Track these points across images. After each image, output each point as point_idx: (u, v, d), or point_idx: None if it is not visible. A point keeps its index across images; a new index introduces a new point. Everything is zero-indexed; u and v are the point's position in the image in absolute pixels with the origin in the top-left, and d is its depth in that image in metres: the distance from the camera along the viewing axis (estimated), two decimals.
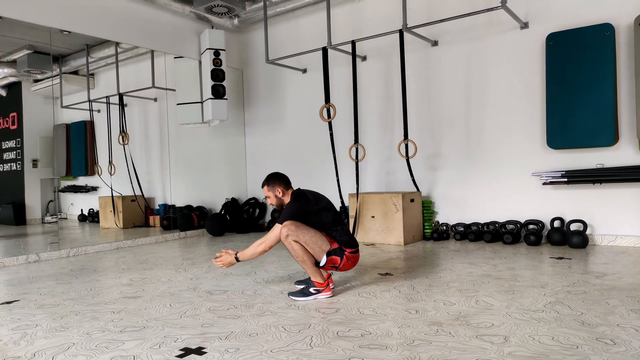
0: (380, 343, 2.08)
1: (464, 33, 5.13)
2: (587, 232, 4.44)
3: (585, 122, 4.39)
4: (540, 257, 3.97)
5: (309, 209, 2.90)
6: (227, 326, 2.39)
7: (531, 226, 4.68)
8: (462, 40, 5.16)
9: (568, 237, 4.36)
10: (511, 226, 4.78)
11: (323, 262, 2.86)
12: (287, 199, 3.02)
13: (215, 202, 7.04)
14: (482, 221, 5.04)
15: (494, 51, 4.97)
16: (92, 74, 6.78)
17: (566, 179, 4.49)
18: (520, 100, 4.83)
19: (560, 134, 4.52)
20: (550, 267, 3.55)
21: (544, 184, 4.62)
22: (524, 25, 4.75)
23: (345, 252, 2.89)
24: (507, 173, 4.92)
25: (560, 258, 3.88)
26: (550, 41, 4.57)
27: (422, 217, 5.22)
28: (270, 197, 3.04)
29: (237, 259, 2.96)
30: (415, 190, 5.24)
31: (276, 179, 3.04)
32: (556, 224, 4.60)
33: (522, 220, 4.79)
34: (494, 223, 4.89)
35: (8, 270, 4.20)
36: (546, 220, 4.67)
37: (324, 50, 5.39)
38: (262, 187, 3.09)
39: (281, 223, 2.83)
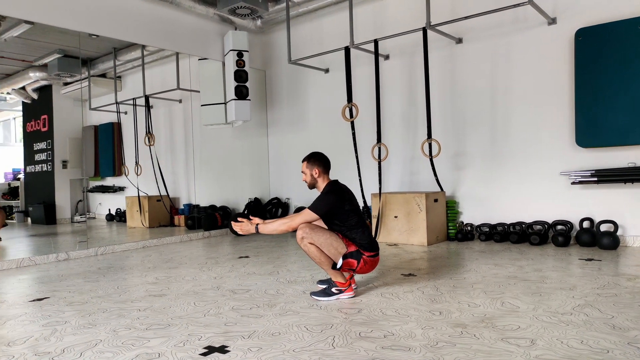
0: (403, 344, 2.06)
1: (489, 30, 5.04)
2: (618, 233, 4.31)
3: (616, 119, 4.25)
4: (568, 258, 3.86)
5: (342, 207, 2.87)
6: (250, 325, 2.41)
7: (559, 227, 4.56)
8: (487, 38, 5.07)
9: (598, 238, 4.23)
10: (538, 227, 4.67)
11: (339, 264, 2.84)
12: (321, 183, 2.99)
13: (238, 202, 7.10)
14: (508, 221, 4.94)
15: (520, 48, 4.86)
16: (119, 77, 6.94)
17: (596, 179, 4.36)
18: (548, 98, 4.72)
19: (590, 132, 4.39)
20: (579, 269, 3.45)
21: (573, 183, 4.50)
22: (552, 21, 4.63)
23: (364, 256, 2.86)
24: (534, 172, 4.81)
25: (590, 259, 3.77)
26: (579, 37, 4.44)
27: (446, 218, 5.15)
28: (306, 174, 3.01)
29: (257, 230, 2.90)
30: (439, 190, 5.17)
31: (318, 160, 3.01)
32: (585, 224, 4.47)
33: (550, 221, 4.68)
34: (520, 223, 4.78)
35: (39, 268, 4.33)
36: (575, 221, 4.54)
37: (346, 50, 5.37)
38: (302, 161, 3.06)
39: (313, 209, 2.81)
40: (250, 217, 2.99)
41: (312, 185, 3.02)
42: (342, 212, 2.87)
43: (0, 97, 6.57)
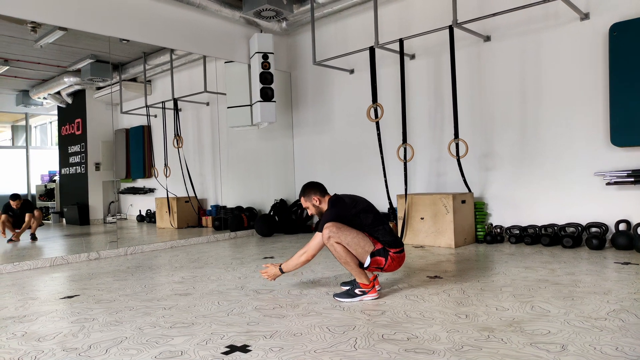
0: (427, 347, 2.01)
1: (519, 27, 4.91)
2: None
3: None
4: (603, 262, 3.71)
5: (348, 213, 2.87)
6: (272, 325, 2.40)
7: (594, 229, 4.39)
8: (516, 35, 4.94)
9: (635, 241, 4.05)
10: (571, 229, 4.51)
11: (367, 263, 2.81)
12: (324, 206, 3.01)
13: (264, 203, 7.15)
14: (539, 224, 4.79)
15: (551, 45, 4.72)
16: (149, 81, 7.10)
17: (633, 179, 4.18)
18: (581, 96, 4.55)
19: (626, 130, 4.22)
20: (615, 273, 3.30)
21: (608, 184, 4.33)
22: (585, 16, 4.47)
23: (390, 253, 2.83)
24: (567, 172, 4.64)
25: (627, 263, 3.60)
26: (614, 32, 4.27)
27: (474, 219, 5.03)
28: (309, 207, 3.05)
29: (281, 271, 3.01)
30: (466, 191, 5.06)
31: (310, 188, 3.04)
32: (622, 227, 4.29)
33: (584, 223, 4.51)
34: (552, 226, 4.63)
35: (71, 267, 4.45)
36: (610, 223, 4.36)
37: (371, 50, 5.33)
38: (299, 198, 3.11)
39: (321, 231, 2.82)
40: (269, 264, 3.11)
41: (319, 214, 3.05)
42: (351, 217, 2.86)
43: (37, 102, 6.82)
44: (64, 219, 7.20)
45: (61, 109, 7.15)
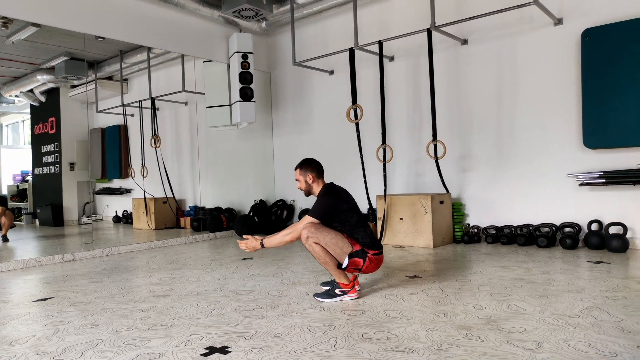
0: (407, 346, 2.03)
1: (495, 31, 5.01)
2: (628, 235, 4.24)
3: (625, 120, 4.19)
4: (576, 261, 3.81)
5: (340, 207, 2.86)
6: (252, 326, 2.39)
7: (567, 229, 4.50)
8: (492, 38, 5.03)
9: (607, 241, 4.17)
10: (546, 229, 4.61)
11: (345, 264, 2.81)
12: (316, 188, 2.99)
13: (243, 204, 7.10)
14: (515, 224, 4.89)
15: (526, 49, 4.82)
16: (126, 79, 6.98)
17: (604, 180, 4.30)
18: (555, 99, 4.67)
19: (597, 133, 4.34)
20: (588, 272, 3.40)
21: (581, 185, 4.44)
22: (558, 21, 4.59)
23: (368, 254, 2.84)
24: (542, 174, 4.75)
25: (599, 262, 3.71)
26: (586, 37, 4.39)
27: (452, 220, 5.11)
28: (300, 181, 3.01)
29: (262, 245, 2.92)
30: (444, 192, 5.13)
31: (310, 165, 3.01)
32: (594, 226, 4.41)
33: (558, 223, 4.62)
34: (527, 226, 4.73)
35: (44, 269, 4.34)
36: (583, 223, 4.48)
37: (351, 51, 5.36)
38: (295, 169, 3.06)
39: (312, 215, 2.80)
40: (251, 236, 3.00)
41: (307, 192, 3.02)
42: (340, 212, 2.86)
43: (8, 99, 6.62)
44: (36, 220, 7.00)
45: (34, 108, 6.96)
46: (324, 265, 2.82)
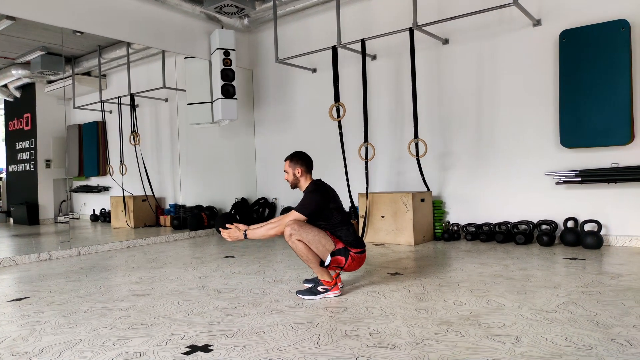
0: (389, 342, 2.05)
1: (476, 31, 5.07)
2: (602, 232, 4.36)
3: (600, 120, 4.30)
4: (553, 257, 3.90)
5: (327, 204, 2.86)
6: (234, 324, 2.38)
7: (544, 226, 4.60)
8: (473, 38, 5.10)
9: (582, 238, 4.28)
10: (524, 226, 4.70)
11: (327, 261, 2.82)
12: (303, 182, 2.98)
13: (225, 202, 7.05)
14: (493, 221, 4.97)
15: (505, 49, 4.90)
16: (104, 75, 6.84)
17: (580, 179, 4.41)
18: (533, 99, 4.76)
19: (574, 132, 4.44)
20: (564, 268, 3.48)
21: (558, 183, 4.54)
22: (537, 22, 4.68)
23: (351, 253, 2.85)
24: (520, 173, 4.84)
25: (574, 259, 3.80)
26: (563, 38, 4.49)
27: (432, 217, 5.16)
28: (288, 173, 3.00)
29: (245, 236, 2.87)
30: (425, 190, 5.19)
31: (301, 159, 3.00)
32: (570, 224, 4.51)
33: (535, 221, 4.71)
34: (506, 223, 4.81)
35: (20, 268, 4.24)
36: (559, 221, 4.59)
37: (334, 49, 5.36)
38: (285, 160, 3.04)
39: (300, 211, 2.79)
40: (235, 223, 2.94)
41: (294, 185, 3.01)
42: (326, 211, 2.86)
43: None
44: (11, 219, 6.83)
45: (8, 103, 6.77)
46: (306, 262, 2.82)
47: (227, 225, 2.93)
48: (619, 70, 4.21)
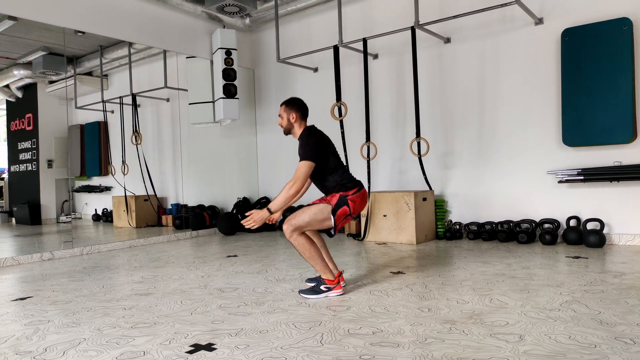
0: (392, 341, 2.05)
1: (477, 30, 5.07)
2: (604, 231, 4.35)
3: (602, 118, 4.29)
4: (555, 256, 3.89)
5: (324, 148, 2.88)
6: (238, 323, 2.38)
7: (546, 225, 4.59)
8: (475, 37, 5.09)
9: (584, 236, 4.27)
10: (526, 225, 4.70)
11: (333, 223, 2.80)
12: (297, 129, 2.98)
13: (227, 201, 7.05)
14: (495, 220, 4.97)
15: (507, 48, 4.90)
16: (106, 75, 6.85)
17: (582, 177, 4.40)
18: (535, 98, 4.75)
19: (576, 131, 4.43)
20: (567, 266, 3.47)
21: (560, 182, 4.54)
22: (539, 21, 4.67)
23: (349, 196, 2.84)
24: (522, 171, 4.84)
25: (577, 257, 3.80)
26: (565, 37, 4.48)
27: (434, 216, 5.16)
28: (283, 118, 2.99)
29: (269, 211, 2.76)
30: (427, 189, 5.18)
31: (296, 104, 3.00)
32: (572, 222, 4.51)
33: (537, 219, 4.71)
34: (508, 222, 4.81)
35: (22, 268, 4.24)
36: (562, 219, 4.58)
37: (335, 49, 5.36)
38: (281, 105, 3.04)
39: (304, 158, 2.76)
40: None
41: (287, 131, 3.01)
42: (323, 154, 2.86)
43: None
44: (13, 219, 6.84)
45: (10, 103, 6.79)
46: (309, 260, 2.81)
47: (247, 213, 2.83)
48: (622, 68, 4.20)
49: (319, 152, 2.83)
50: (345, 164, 5.36)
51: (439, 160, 5.36)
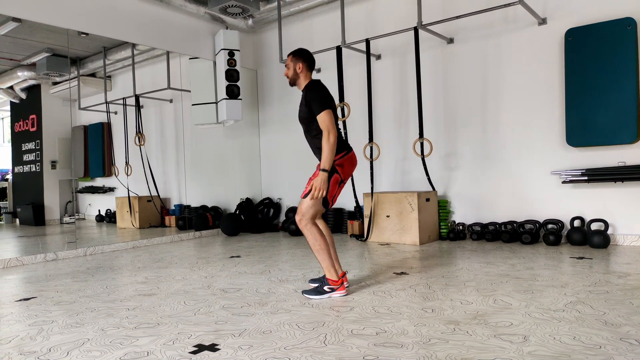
0: (396, 341, 2.04)
1: (480, 30, 5.06)
2: (609, 231, 4.33)
3: (606, 119, 4.28)
4: (560, 256, 3.88)
5: (331, 102, 2.90)
6: (241, 323, 2.38)
7: (550, 226, 4.57)
8: (478, 38, 5.09)
9: (589, 237, 4.25)
10: (530, 226, 4.68)
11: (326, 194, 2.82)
12: (302, 80, 2.98)
13: (229, 202, 7.06)
14: (499, 221, 4.95)
15: (511, 48, 4.88)
16: (109, 76, 6.87)
17: (586, 178, 4.39)
18: (539, 98, 4.74)
19: (580, 131, 4.42)
20: (571, 267, 3.46)
21: (564, 182, 4.52)
22: (542, 21, 4.66)
23: (336, 162, 2.84)
24: (525, 172, 4.82)
25: (581, 258, 3.78)
26: (569, 37, 4.47)
27: (438, 217, 5.15)
28: (289, 68, 2.99)
29: (325, 171, 2.75)
30: (430, 189, 5.17)
31: (303, 55, 2.99)
32: (576, 223, 4.49)
33: (541, 220, 4.69)
34: (511, 222, 4.79)
35: (26, 269, 4.26)
36: (566, 220, 4.56)
37: (338, 49, 5.36)
38: (288, 55, 3.03)
39: (320, 108, 2.77)
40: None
41: (293, 81, 3.02)
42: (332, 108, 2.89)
43: None
44: (17, 220, 6.86)
45: (14, 105, 6.81)
46: (317, 253, 2.82)
47: (307, 185, 2.88)
48: (625, 68, 4.19)
49: (330, 101, 2.87)
50: None
51: (442, 160, 5.35)
